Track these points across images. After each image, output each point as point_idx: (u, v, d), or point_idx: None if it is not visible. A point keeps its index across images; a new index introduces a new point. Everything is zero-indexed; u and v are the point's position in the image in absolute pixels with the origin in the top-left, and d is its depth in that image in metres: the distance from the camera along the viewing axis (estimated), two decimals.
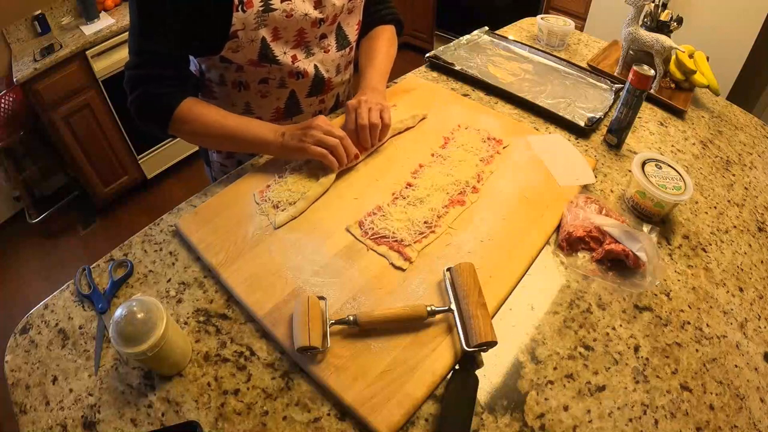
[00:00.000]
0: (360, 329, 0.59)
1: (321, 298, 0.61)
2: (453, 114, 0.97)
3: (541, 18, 1.30)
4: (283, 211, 0.75)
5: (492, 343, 0.56)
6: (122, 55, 2.11)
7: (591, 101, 1.05)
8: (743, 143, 1.02)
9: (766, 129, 1.08)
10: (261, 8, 0.75)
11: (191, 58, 0.93)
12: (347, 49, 0.95)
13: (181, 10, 0.72)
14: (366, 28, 1.01)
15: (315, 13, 0.81)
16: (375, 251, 0.69)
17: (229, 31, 0.75)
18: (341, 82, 0.99)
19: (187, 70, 0.84)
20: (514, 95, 1.04)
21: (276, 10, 0.76)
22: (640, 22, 1.09)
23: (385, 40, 1.00)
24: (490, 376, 0.57)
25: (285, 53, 0.83)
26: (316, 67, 0.89)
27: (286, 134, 0.80)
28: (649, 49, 1.06)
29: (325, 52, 0.90)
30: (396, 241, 0.70)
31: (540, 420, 0.54)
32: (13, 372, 0.60)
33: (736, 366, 0.61)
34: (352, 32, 0.94)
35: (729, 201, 0.85)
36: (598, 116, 0.97)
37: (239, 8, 0.73)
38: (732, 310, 0.67)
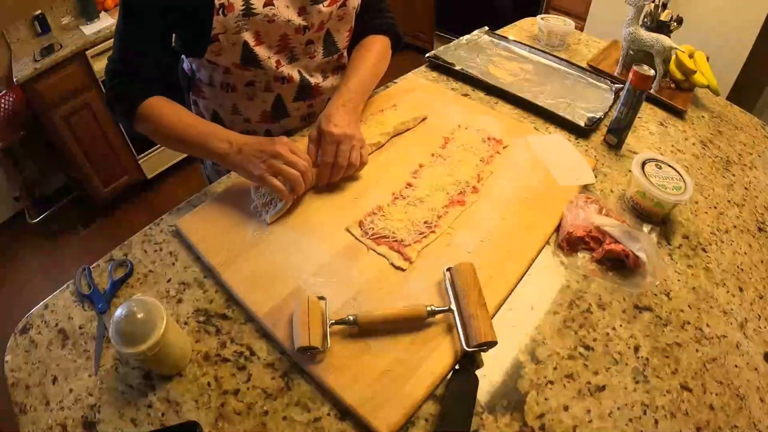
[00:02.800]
0: (360, 329, 0.59)
1: (321, 298, 0.61)
2: (453, 114, 0.97)
3: (541, 18, 1.30)
4: (274, 207, 0.75)
5: (492, 343, 0.56)
6: None
7: (591, 101, 1.05)
8: (743, 143, 1.01)
9: (766, 129, 1.08)
10: (242, 12, 0.74)
11: (183, 58, 0.93)
12: (335, 56, 0.93)
13: (163, 11, 0.73)
14: (358, 36, 0.96)
15: (298, 20, 0.80)
16: (375, 251, 0.69)
17: (210, 35, 0.75)
18: (331, 87, 0.95)
19: (164, 71, 0.84)
20: (514, 95, 1.04)
21: (258, 14, 0.75)
22: (640, 22, 1.09)
23: (375, 52, 0.93)
24: (490, 376, 0.57)
25: (269, 58, 0.82)
26: (300, 72, 0.89)
27: (243, 151, 0.72)
28: (649, 49, 1.06)
29: (310, 58, 0.89)
30: (396, 241, 0.70)
31: (540, 420, 0.54)
32: (13, 372, 0.60)
33: (736, 366, 0.60)
34: (341, 39, 0.92)
35: (729, 201, 0.85)
36: (598, 116, 0.97)
37: (220, 12, 0.73)
38: (732, 310, 0.67)
